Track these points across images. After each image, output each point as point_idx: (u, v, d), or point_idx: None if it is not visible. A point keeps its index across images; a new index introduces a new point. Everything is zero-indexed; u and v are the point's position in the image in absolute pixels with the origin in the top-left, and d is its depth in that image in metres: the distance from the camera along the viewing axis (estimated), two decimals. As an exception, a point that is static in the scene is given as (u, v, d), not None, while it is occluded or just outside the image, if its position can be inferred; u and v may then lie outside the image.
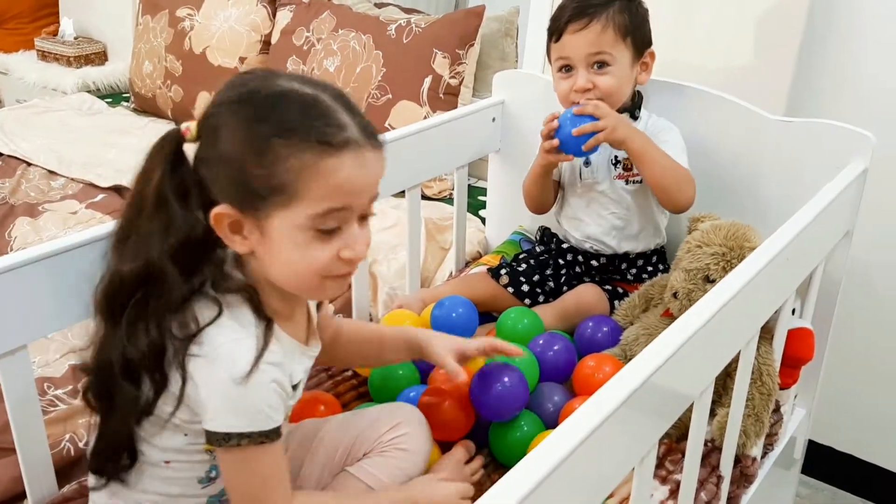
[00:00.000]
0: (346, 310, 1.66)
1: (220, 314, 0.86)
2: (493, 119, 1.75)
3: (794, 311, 1.34)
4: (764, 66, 1.75)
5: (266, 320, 0.87)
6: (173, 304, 0.86)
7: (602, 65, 1.42)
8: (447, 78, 2.18)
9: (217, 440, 0.85)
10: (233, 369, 0.83)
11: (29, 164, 2.41)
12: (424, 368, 1.34)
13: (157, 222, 0.86)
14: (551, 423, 1.22)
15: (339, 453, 1.06)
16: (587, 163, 1.52)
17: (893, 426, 1.97)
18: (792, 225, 1.20)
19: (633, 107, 1.49)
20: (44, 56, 3.26)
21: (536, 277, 1.56)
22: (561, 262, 1.58)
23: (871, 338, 1.92)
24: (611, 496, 1.12)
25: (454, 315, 1.40)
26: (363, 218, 0.90)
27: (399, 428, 1.05)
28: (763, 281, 1.09)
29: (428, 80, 2.19)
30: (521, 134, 1.75)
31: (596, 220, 1.53)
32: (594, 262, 1.55)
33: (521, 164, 1.75)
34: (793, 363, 1.35)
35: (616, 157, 1.50)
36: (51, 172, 2.35)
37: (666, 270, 1.53)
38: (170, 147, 0.87)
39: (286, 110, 0.84)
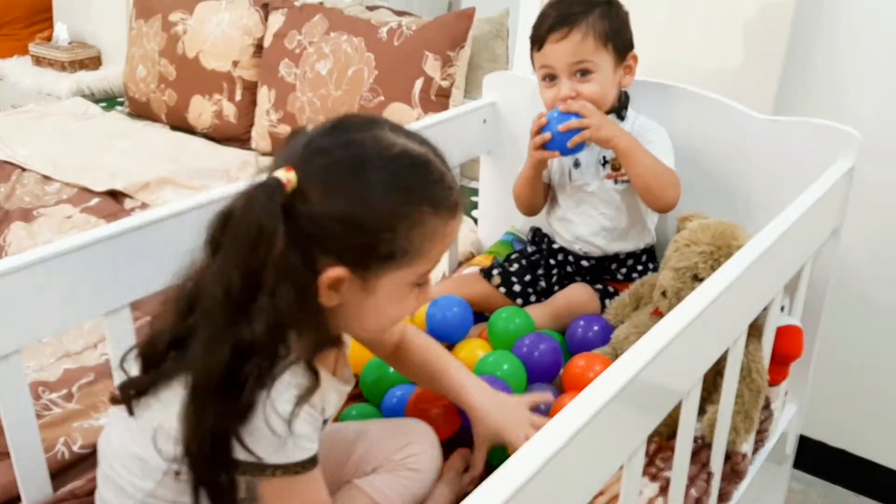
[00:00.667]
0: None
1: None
2: (484, 121, 1.76)
3: (782, 309, 1.35)
4: (751, 66, 1.76)
5: (314, 371, 0.86)
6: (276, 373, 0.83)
7: (585, 72, 1.43)
8: (438, 80, 2.19)
9: (251, 470, 0.84)
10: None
11: (24, 169, 2.41)
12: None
13: (282, 284, 0.81)
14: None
15: (348, 465, 1.05)
16: (577, 164, 1.53)
17: (885, 420, 1.98)
18: (779, 223, 1.21)
19: (619, 108, 1.50)
20: (38, 61, 3.26)
21: (528, 278, 1.57)
22: (552, 262, 1.59)
23: (861, 333, 1.93)
24: (601, 493, 1.12)
25: (448, 314, 1.42)
26: None
27: (411, 448, 1.04)
28: (750, 278, 1.10)
29: (419, 83, 2.20)
30: (512, 135, 1.76)
31: (585, 221, 1.54)
32: (584, 263, 1.56)
33: (513, 166, 1.76)
34: (782, 360, 1.36)
35: (605, 157, 1.51)
36: (45, 177, 2.36)
37: (656, 269, 1.54)
38: (277, 199, 0.80)
39: (413, 176, 0.85)
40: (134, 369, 0.91)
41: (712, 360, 1.08)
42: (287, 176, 0.81)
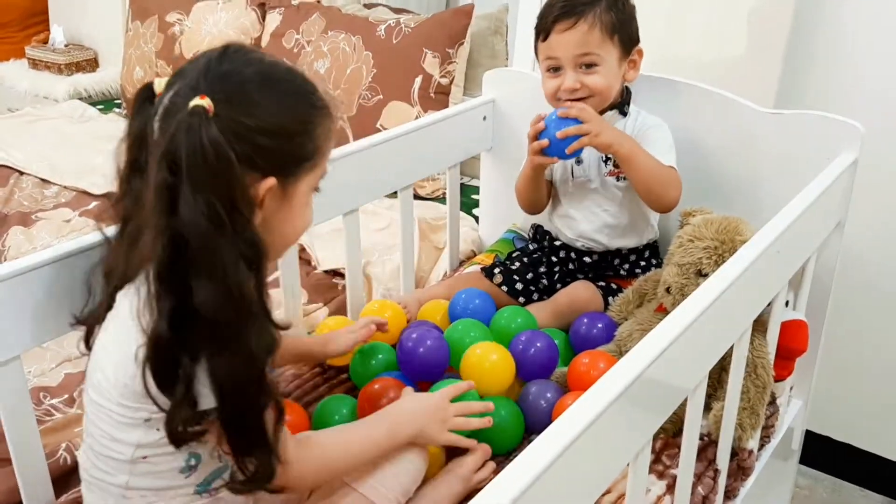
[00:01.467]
0: (341, 311, 1.66)
1: None
2: (484, 118, 1.75)
3: (787, 303, 1.34)
4: (753, 60, 1.75)
5: None
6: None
7: (590, 65, 1.42)
8: (438, 77, 2.18)
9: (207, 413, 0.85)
10: None
11: (22, 173, 2.40)
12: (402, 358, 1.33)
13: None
14: (544, 420, 1.22)
15: None
16: (579, 161, 1.52)
17: (890, 414, 1.97)
18: (783, 217, 1.21)
19: (622, 103, 1.49)
20: (35, 64, 3.25)
21: (530, 276, 1.56)
22: (554, 259, 1.58)
23: (866, 327, 1.93)
24: (608, 492, 1.12)
25: (471, 306, 1.45)
26: None
27: None
28: (755, 273, 1.09)
29: (418, 80, 2.19)
30: (512, 132, 1.75)
31: (588, 218, 1.53)
32: (587, 259, 1.56)
33: (514, 163, 1.75)
34: (787, 355, 1.35)
35: (606, 154, 1.50)
36: (44, 181, 2.35)
37: (659, 265, 1.53)
38: (211, 124, 0.82)
39: (305, 83, 0.92)
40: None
41: (717, 356, 1.07)
42: (206, 102, 0.83)
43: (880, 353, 1.93)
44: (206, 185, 0.81)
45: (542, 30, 1.44)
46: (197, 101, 0.83)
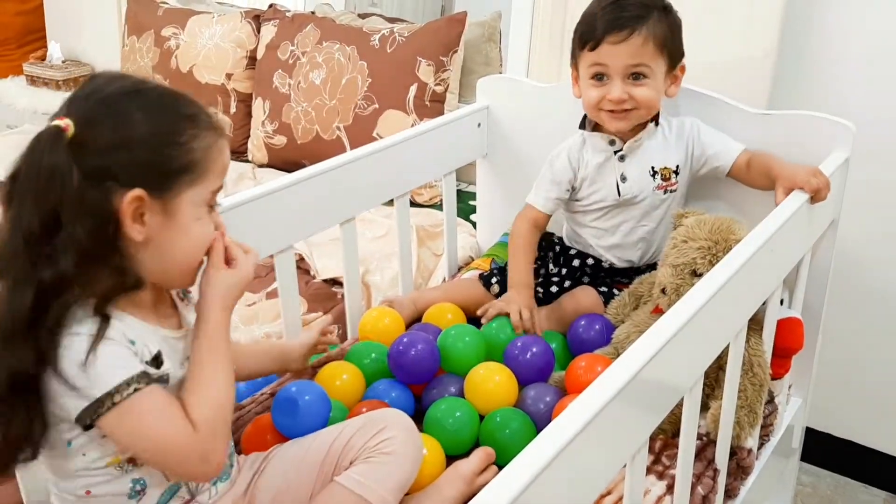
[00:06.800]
0: (339, 320, 1.66)
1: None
2: (479, 125, 1.76)
3: (782, 302, 1.35)
4: (744, 62, 1.76)
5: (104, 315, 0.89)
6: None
7: (638, 76, 1.39)
8: (432, 85, 2.20)
9: (89, 415, 0.86)
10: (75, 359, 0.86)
11: (21, 190, 2.41)
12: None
13: (82, 221, 0.86)
14: (544, 423, 1.23)
15: (326, 463, 1.06)
16: (623, 178, 1.47)
17: (891, 410, 1.97)
18: (776, 216, 1.22)
19: (656, 115, 1.47)
20: (33, 81, 3.27)
21: None
22: (564, 270, 1.55)
23: (864, 323, 1.93)
24: (608, 493, 1.12)
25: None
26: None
27: (384, 433, 1.05)
28: (749, 272, 1.10)
29: (413, 89, 2.20)
30: (507, 138, 1.76)
31: (625, 232, 1.50)
32: (603, 269, 1.53)
33: (509, 169, 1.77)
34: (783, 353, 1.36)
35: (653, 167, 1.47)
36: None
37: (654, 267, 1.54)
38: (61, 143, 0.86)
39: (175, 98, 0.94)
40: None
41: (713, 355, 1.08)
42: (64, 122, 0.87)
43: (879, 350, 1.94)
44: (29, 198, 0.86)
45: (591, 40, 1.40)
46: (56, 122, 0.88)
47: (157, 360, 0.93)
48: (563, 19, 1.89)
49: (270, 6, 2.61)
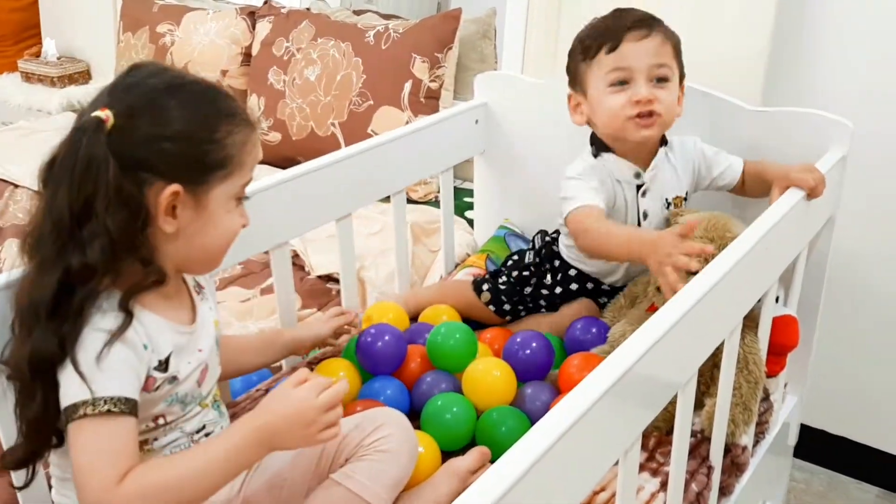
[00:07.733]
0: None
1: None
2: (477, 121, 1.75)
3: (777, 299, 1.35)
4: (738, 58, 1.75)
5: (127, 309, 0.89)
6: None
7: (662, 79, 1.33)
8: (427, 82, 2.19)
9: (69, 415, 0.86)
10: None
11: (16, 186, 2.40)
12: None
13: (118, 211, 0.87)
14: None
15: (322, 460, 1.05)
16: (645, 215, 1.42)
17: (885, 407, 1.98)
18: (772, 213, 1.21)
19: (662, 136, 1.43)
20: (28, 77, 3.26)
21: (517, 297, 1.51)
22: (558, 289, 1.51)
23: (860, 320, 1.93)
24: (602, 490, 1.12)
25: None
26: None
27: (379, 430, 1.04)
28: (744, 270, 1.10)
29: (408, 85, 2.20)
30: (504, 135, 1.75)
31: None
32: (604, 293, 1.50)
33: (506, 165, 1.76)
34: (779, 350, 1.35)
35: (667, 199, 1.43)
36: (38, 194, 2.35)
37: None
38: (101, 134, 0.88)
39: (215, 93, 0.96)
40: None
41: (708, 352, 1.08)
42: (105, 114, 0.88)
43: (874, 346, 1.94)
44: (64, 186, 0.87)
45: (611, 40, 1.33)
46: (97, 113, 0.88)
47: (165, 364, 0.94)
48: (557, 15, 1.88)
49: (265, 2, 2.60)
